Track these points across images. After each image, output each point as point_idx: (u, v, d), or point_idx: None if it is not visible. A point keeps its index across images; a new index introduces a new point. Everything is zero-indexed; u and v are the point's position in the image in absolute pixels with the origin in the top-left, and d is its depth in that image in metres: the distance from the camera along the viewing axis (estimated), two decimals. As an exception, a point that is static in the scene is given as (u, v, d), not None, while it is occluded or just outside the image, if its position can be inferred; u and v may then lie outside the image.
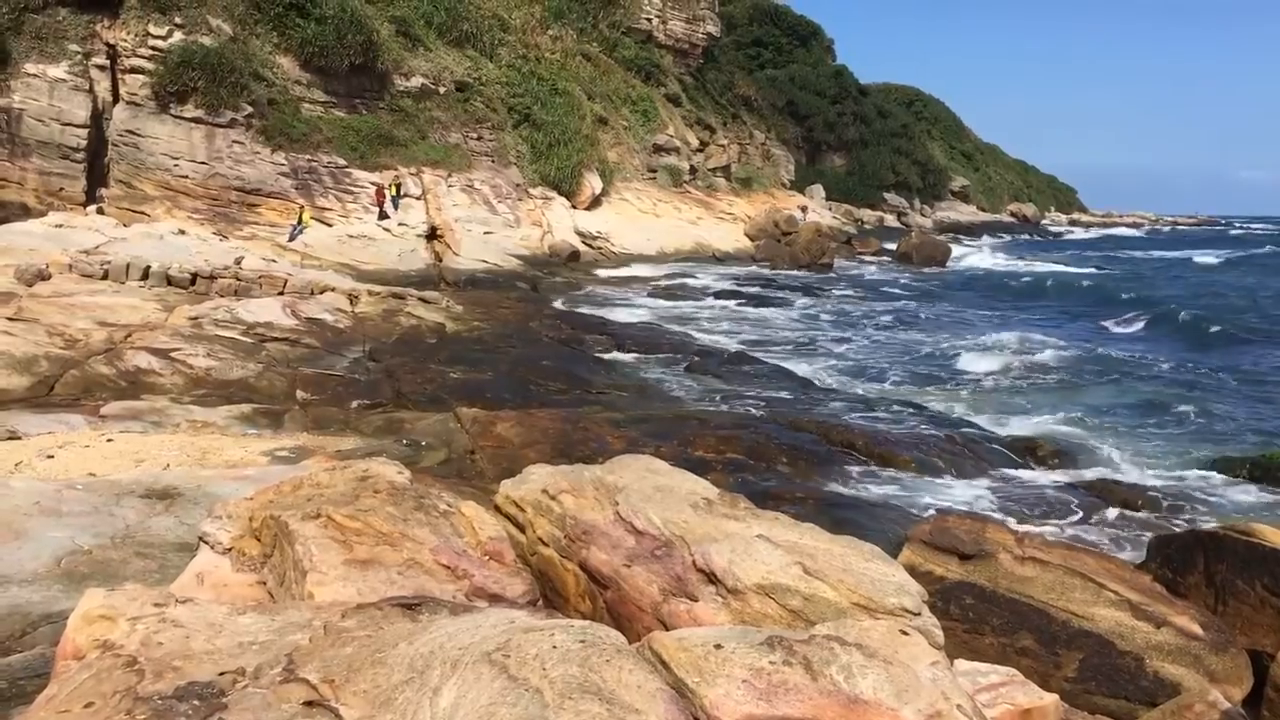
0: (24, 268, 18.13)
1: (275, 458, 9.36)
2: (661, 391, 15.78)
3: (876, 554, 4.42)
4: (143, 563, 6.08)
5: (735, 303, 30.41)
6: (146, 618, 3.26)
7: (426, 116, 40.72)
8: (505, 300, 24.87)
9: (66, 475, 8.04)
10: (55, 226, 25.40)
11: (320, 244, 31.82)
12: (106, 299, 17.12)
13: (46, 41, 32.10)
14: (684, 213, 51.01)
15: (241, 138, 33.86)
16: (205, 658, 3.03)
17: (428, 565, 4.21)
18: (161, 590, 3.80)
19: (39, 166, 31.01)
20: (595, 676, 2.76)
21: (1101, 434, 14.63)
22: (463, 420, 11.63)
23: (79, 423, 10.47)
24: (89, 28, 33.06)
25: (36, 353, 13.06)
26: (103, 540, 6.35)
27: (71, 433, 9.94)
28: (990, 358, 21.77)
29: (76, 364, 13.01)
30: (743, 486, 9.31)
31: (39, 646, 4.82)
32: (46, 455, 8.80)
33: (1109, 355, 22.69)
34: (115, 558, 6.13)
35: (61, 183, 31.31)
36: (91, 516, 6.68)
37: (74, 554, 6.13)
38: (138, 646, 3.08)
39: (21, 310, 14.98)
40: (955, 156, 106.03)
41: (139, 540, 6.41)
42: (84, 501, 6.90)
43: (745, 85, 71.63)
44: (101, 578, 5.77)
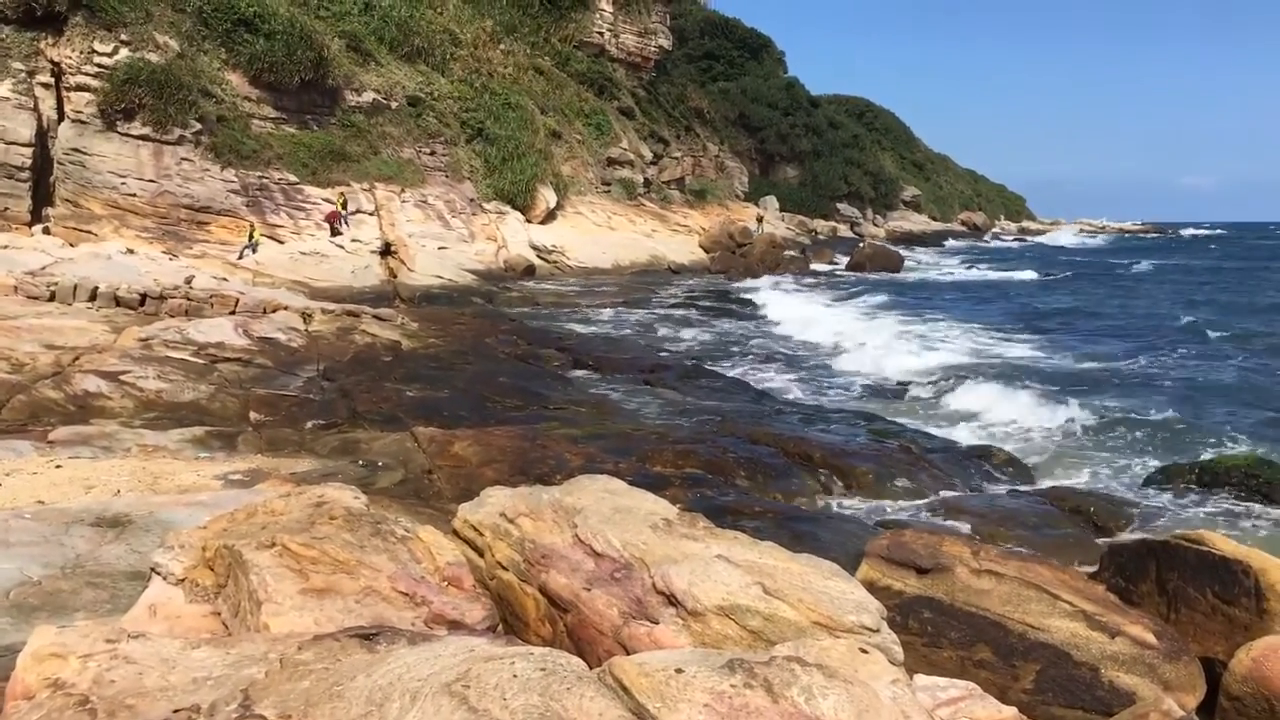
0: (-32, 290, 17.82)
1: (229, 481, 9.24)
2: (619, 406, 15.77)
3: (835, 571, 4.45)
4: (94, 593, 5.97)
5: (692, 314, 30.50)
6: (98, 655, 3.20)
7: (379, 132, 40.52)
8: (461, 316, 24.77)
9: (14, 504, 7.88)
10: (0, 248, 24.97)
11: (272, 262, 31.52)
12: (53, 321, 16.85)
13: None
14: (639, 225, 51.13)
15: (190, 155, 33.47)
16: (159, 695, 2.99)
17: (385, 593, 4.17)
18: (113, 625, 3.74)
19: (-17, 186, 30.48)
20: (556, 705, 2.75)
21: (1055, 441, 14.83)
22: (420, 439, 11.56)
23: (26, 449, 10.26)
24: (33, 45, 32.57)
25: (-19, 377, 12.82)
26: (52, 570, 6.23)
27: (19, 460, 9.74)
28: (939, 363, 21.99)
29: (23, 388, 12.78)
30: (701, 502, 9.32)
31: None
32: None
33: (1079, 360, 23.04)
34: (65, 588, 6.02)
35: (6, 203, 30.78)
36: (40, 546, 6.55)
37: (23, 585, 6.01)
38: (90, 685, 3.02)
39: (-35, 334, 14.70)
40: (906, 166, 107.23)
41: (90, 570, 6.30)
42: (32, 531, 6.77)
43: (698, 98, 72.03)
44: (51, 609, 5.66)
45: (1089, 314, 34.62)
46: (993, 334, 28.10)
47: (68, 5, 32.75)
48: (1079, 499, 11.09)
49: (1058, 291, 44.63)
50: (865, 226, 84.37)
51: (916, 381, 19.74)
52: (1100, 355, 24.25)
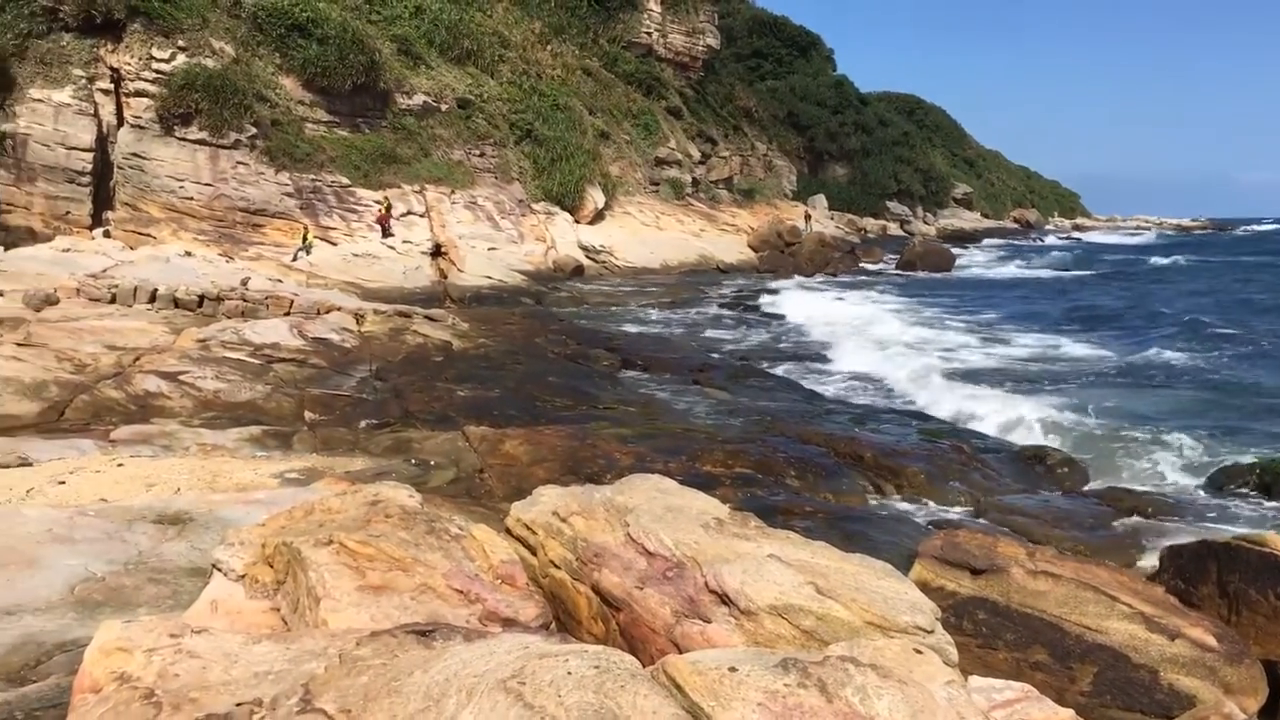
0: (32, 293, 18.21)
1: (285, 480, 9.37)
2: (668, 405, 15.78)
3: (888, 571, 4.43)
4: (156, 589, 6.09)
5: (740, 313, 30.43)
6: (162, 649, 3.28)
7: (429, 134, 40.89)
8: (510, 316, 24.91)
9: (78, 501, 8.05)
10: (62, 251, 25.50)
11: (325, 263, 31.91)
12: (114, 322, 17.18)
13: (51, 66, 32.31)
14: (687, 225, 51.10)
15: (246, 158, 34.00)
16: (222, 689, 3.05)
17: (440, 590, 4.22)
18: (177, 620, 3.81)
19: (45, 191, 31.18)
20: (610, 703, 2.77)
21: (1112, 440, 14.62)
22: (471, 439, 11.65)
23: (90, 448, 10.48)
24: (92, 52, 33.26)
25: (46, 378, 13.10)
26: (116, 567, 6.36)
27: (82, 458, 9.95)
28: (997, 361, 21.79)
29: (86, 389, 13.04)
30: (752, 502, 9.31)
31: (54, 676, 4.83)
32: (58, 481, 8.82)
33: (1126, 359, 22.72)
34: (128, 584, 6.14)
35: (68, 206, 31.47)
36: (104, 543, 6.69)
37: (87, 581, 6.14)
38: (154, 678, 3.09)
39: (30, 336, 15.03)
40: (957, 164, 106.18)
41: (152, 566, 6.42)
42: (96, 528, 6.91)
43: (746, 97, 71.84)
44: (115, 605, 5.79)
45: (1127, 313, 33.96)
46: (1049, 334, 27.74)
47: (126, 12, 33.40)
48: (1136, 500, 10.94)
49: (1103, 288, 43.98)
50: (916, 224, 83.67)
51: (964, 380, 19.56)
52: (1146, 354, 23.85)
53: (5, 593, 5.93)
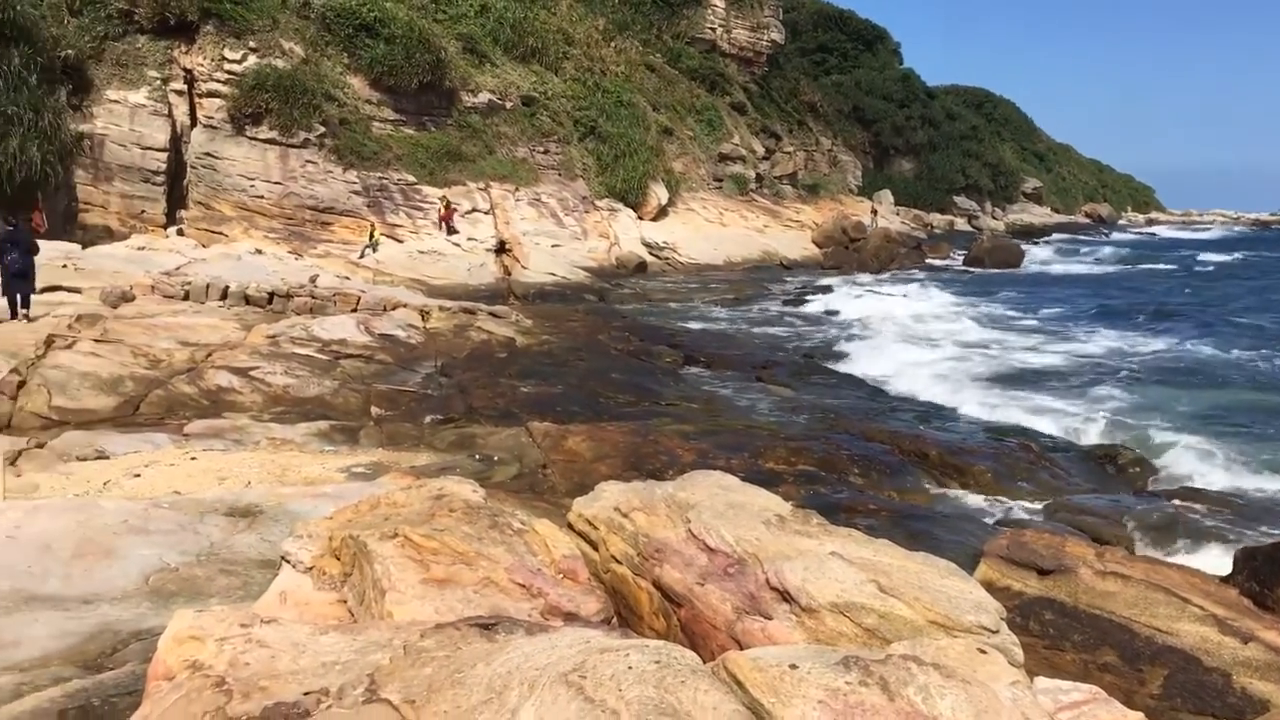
0: (109, 290, 18.69)
1: (352, 474, 9.51)
2: (731, 402, 15.75)
3: (953, 570, 4.38)
4: (227, 580, 6.22)
5: (803, 309, 30.26)
6: (233, 638, 3.35)
7: (494, 132, 41.21)
8: (574, 313, 25.02)
9: (153, 493, 8.25)
10: (138, 249, 26.14)
11: (392, 260, 32.31)
12: (188, 319, 17.55)
13: (127, 68, 33.10)
14: (750, 221, 50.92)
15: (314, 157, 34.55)
16: (290, 678, 3.11)
17: (503, 584, 4.26)
18: (247, 610, 3.90)
19: (121, 190, 31.96)
20: (671, 698, 2.78)
21: (1182, 439, 14.31)
22: (534, 434, 11.72)
23: (164, 441, 10.73)
24: (167, 53, 34.01)
25: (122, 373, 13.43)
26: (189, 558, 6.51)
27: (157, 451, 10.19)
28: (1064, 359, 21.43)
29: (160, 384, 13.34)
30: (815, 499, 9.27)
31: (129, 664, 4.95)
32: (134, 474, 9.05)
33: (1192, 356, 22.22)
34: (201, 575, 6.28)
35: (143, 205, 32.22)
36: (178, 534, 6.85)
37: (161, 571, 6.30)
38: (226, 667, 3.16)
39: (107, 332, 15.41)
40: (1027, 158, 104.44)
41: (223, 558, 6.56)
42: (170, 519, 7.08)
43: (810, 92, 71.33)
44: (188, 595, 5.93)
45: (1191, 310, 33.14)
46: (1118, 330, 27.22)
47: (199, 14, 34.12)
48: (1208, 500, 10.70)
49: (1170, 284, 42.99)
50: (984, 220, 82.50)
51: (1032, 377, 19.26)
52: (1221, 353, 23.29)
53: (83, 582, 6.10)
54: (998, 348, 23.29)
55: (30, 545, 6.44)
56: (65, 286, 19.53)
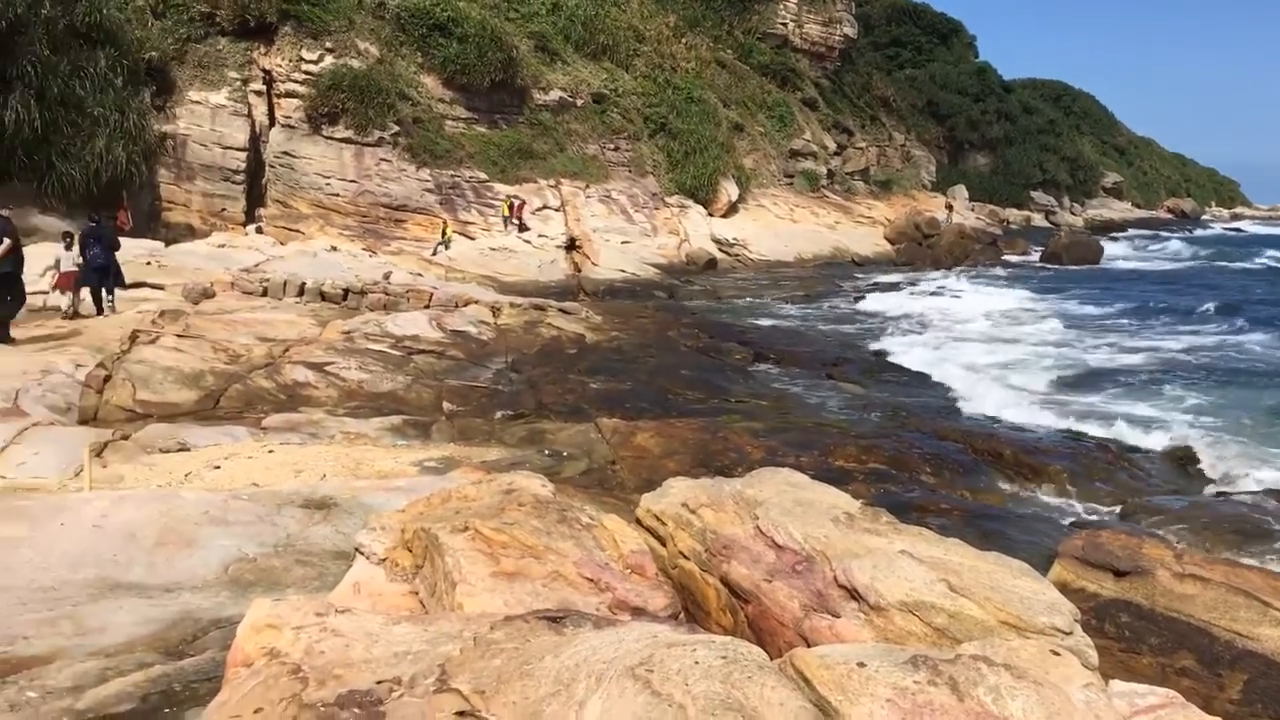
0: (190, 286, 19.16)
1: (424, 468, 9.63)
2: (801, 400, 15.67)
3: (1025, 571, 4.32)
4: (303, 570, 6.35)
5: (875, 306, 29.97)
6: (309, 627, 3.42)
7: (564, 129, 41.42)
8: (643, 309, 25.06)
9: (232, 485, 8.44)
10: (218, 246, 26.75)
11: (463, 257, 32.66)
12: (265, 315, 17.92)
13: (208, 70, 33.87)
14: (821, 217, 50.55)
15: (389, 156, 35.04)
16: (364, 666, 3.17)
17: (571, 578, 4.29)
18: (322, 600, 3.98)
19: (203, 189, 32.72)
20: (737, 693, 2.78)
21: (1263, 439, 13.91)
22: (603, 430, 11.77)
23: (243, 435, 10.96)
24: (246, 55, 34.74)
25: (203, 368, 13.75)
26: (266, 549, 6.66)
27: (236, 444, 10.42)
28: (1143, 358, 20.96)
29: (239, 378, 13.63)
30: (885, 498, 9.19)
31: (209, 651, 5.09)
32: (214, 466, 9.26)
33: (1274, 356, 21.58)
34: (278, 565, 6.42)
35: (223, 204, 32.95)
36: (255, 525, 7.01)
37: (240, 561, 6.45)
38: (302, 655, 3.24)
39: (189, 327, 15.80)
40: (1107, 152, 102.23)
41: (299, 549, 6.70)
42: (248, 511, 7.24)
43: (883, 86, 70.60)
44: (266, 585, 6.06)
45: None
46: (1200, 328, 26.54)
47: (278, 16, 34.79)
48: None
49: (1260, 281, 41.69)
50: (1062, 215, 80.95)
51: (1110, 375, 18.87)
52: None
53: (166, 571, 6.27)
54: (1073, 346, 22.85)
55: (116, 534, 6.64)
56: (149, 283, 20.07)
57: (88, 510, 7.04)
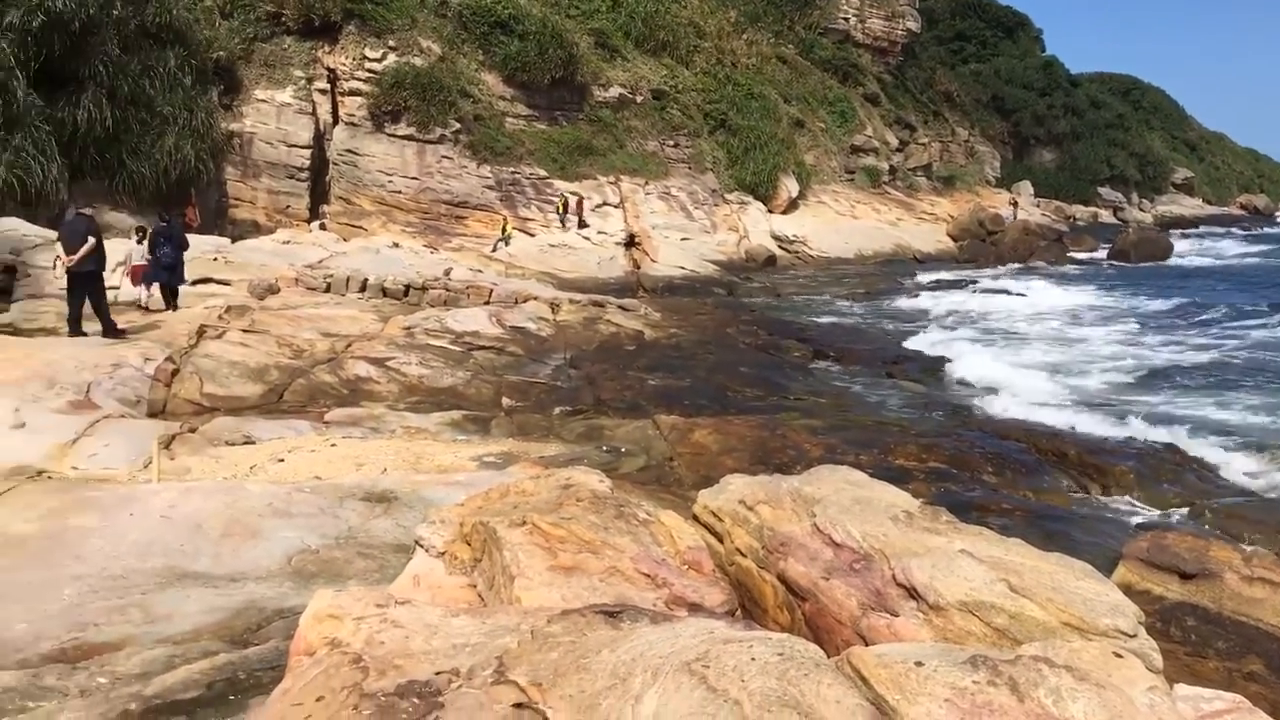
0: (256, 282, 19.49)
1: (483, 463, 9.71)
2: (860, 398, 15.55)
3: (1088, 572, 4.25)
4: (364, 563, 6.44)
5: (938, 304, 29.64)
6: (370, 618, 3.47)
7: (624, 126, 41.48)
8: (702, 306, 25.03)
9: (295, 478, 8.57)
10: (283, 243, 27.17)
11: (523, 253, 32.86)
12: (329, 310, 18.18)
13: (274, 68, 34.44)
14: (883, 214, 50.11)
15: (450, 153, 35.36)
16: (423, 657, 3.21)
17: (628, 573, 4.30)
18: (383, 591, 4.03)
19: (268, 186, 33.28)
20: (794, 690, 2.77)
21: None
22: (661, 427, 11.78)
23: (306, 428, 11.12)
24: (311, 54, 35.26)
25: (268, 362, 13.98)
26: (328, 541, 6.76)
27: (299, 438, 10.57)
28: (1213, 356, 20.51)
29: (303, 373, 13.84)
30: (945, 497, 9.09)
31: (272, 640, 5.17)
32: (278, 459, 9.41)
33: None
34: (339, 557, 6.52)
35: (288, 200, 33.48)
36: (318, 518, 7.11)
37: (303, 553, 6.55)
38: (362, 645, 3.28)
39: (255, 323, 16.07)
40: (1177, 147, 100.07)
41: (360, 541, 6.79)
42: (311, 504, 7.35)
43: (947, 81, 69.80)
44: (328, 576, 6.15)
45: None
46: (1271, 329, 25.89)
47: (342, 15, 35.27)
48: (1372, 507, 10.10)
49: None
50: (1130, 211, 79.40)
51: (1178, 376, 18.48)
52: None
53: (231, 561, 6.39)
54: (1138, 344, 22.42)
55: (183, 525, 6.78)
56: (216, 279, 20.44)
57: (156, 501, 7.19)
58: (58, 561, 6.17)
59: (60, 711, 4.39)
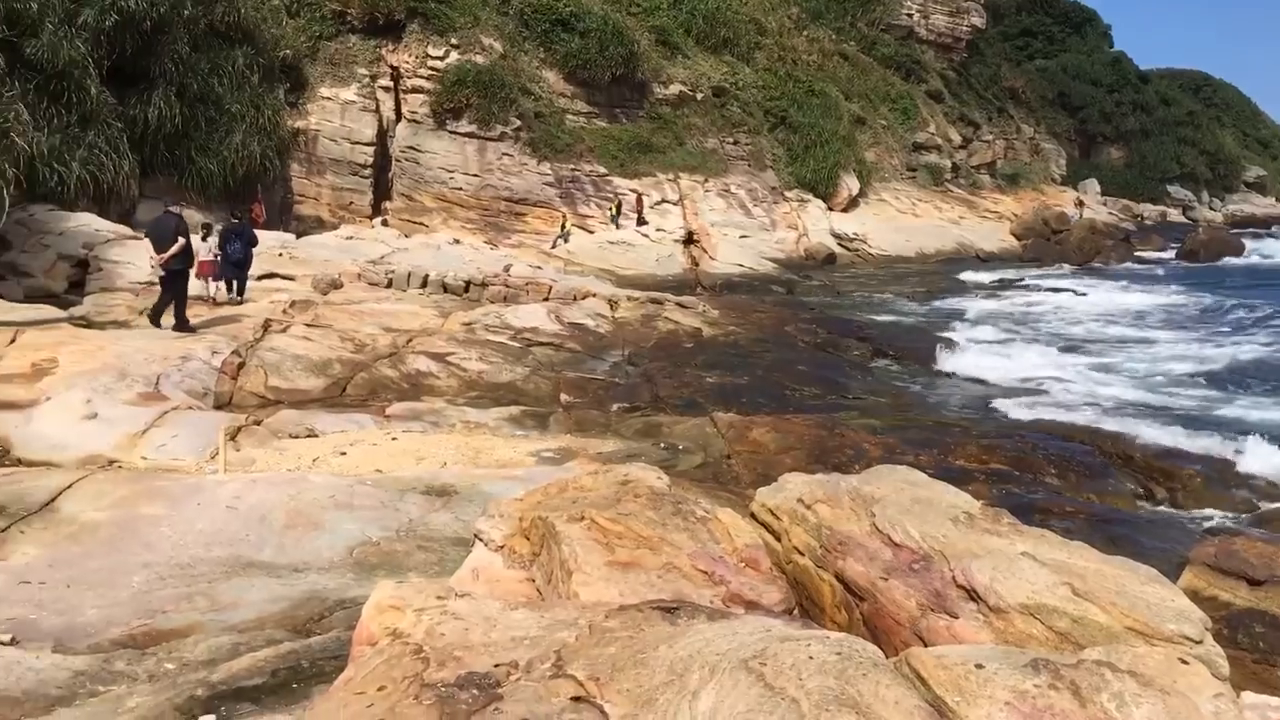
0: (320, 277, 19.77)
1: (541, 458, 9.77)
2: (921, 398, 15.41)
3: (1154, 577, 4.18)
4: (424, 555, 6.52)
5: (999, 304, 29.26)
6: (430, 609, 3.51)
7: (684, 123, 41.43)
8: (760, 304, 24.94)
9: (357, 471, 8.69)
10: (346, 238, 27.52)
11: (582, 250, 32.96)
12: (390, 306, 18.39)
13: (339, 66, 34.89)
14: (945, 212, 49.54)
15: (510, 150, 35.57)
16: (482, 649, 3.24)
17: (685, 570, 4.31)
18: (443, 583, 4.08)
19: (332, 183, 33.74)
20: (852, 690, 2.76)
21: None
22: (719, 425, 11.76)
23: (367, 422, 11.26)
24: (375, 52, 35.68)
25: (331, 356, 14.18)
26: (389, 533, 6.85)
27: (361, 431, 10.71)
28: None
29: (365, 367, 14.03)
30: (1007, 499, 8.99)
31: (335, 630, 5.26)
32: (340, 452, 9.55)
33: None
34: (400, 550, 6.60)
35: (351, 197, 33.91)
36: (379, 510, 7.21)
37: (364, 545, 6.65)
38: (423, 636, 3.32)
39: (318, 317, 16.31)
40: (1249, 144, 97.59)
41: (420, 534, 6.87)
42: (373, 496, 7.46)
43: (1012, 77, 68.71)
44: (389, 568, 6.24)
45: None
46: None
47: (406, 14, 35.61)
48: None
49: None
50: (1200, 211, 77.62)
51: (1249, 377, 18.06)
52: None
53: (295, 551, 6.51)
54: (1205, 344, 21.95)
55: (248, 515, 6.91)
56: (281, 274, 20.78)
57: (222, 492, 7.34)
58: (128, 549, 6.32)
59: (130, 696, 4.50)
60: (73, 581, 5.79)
